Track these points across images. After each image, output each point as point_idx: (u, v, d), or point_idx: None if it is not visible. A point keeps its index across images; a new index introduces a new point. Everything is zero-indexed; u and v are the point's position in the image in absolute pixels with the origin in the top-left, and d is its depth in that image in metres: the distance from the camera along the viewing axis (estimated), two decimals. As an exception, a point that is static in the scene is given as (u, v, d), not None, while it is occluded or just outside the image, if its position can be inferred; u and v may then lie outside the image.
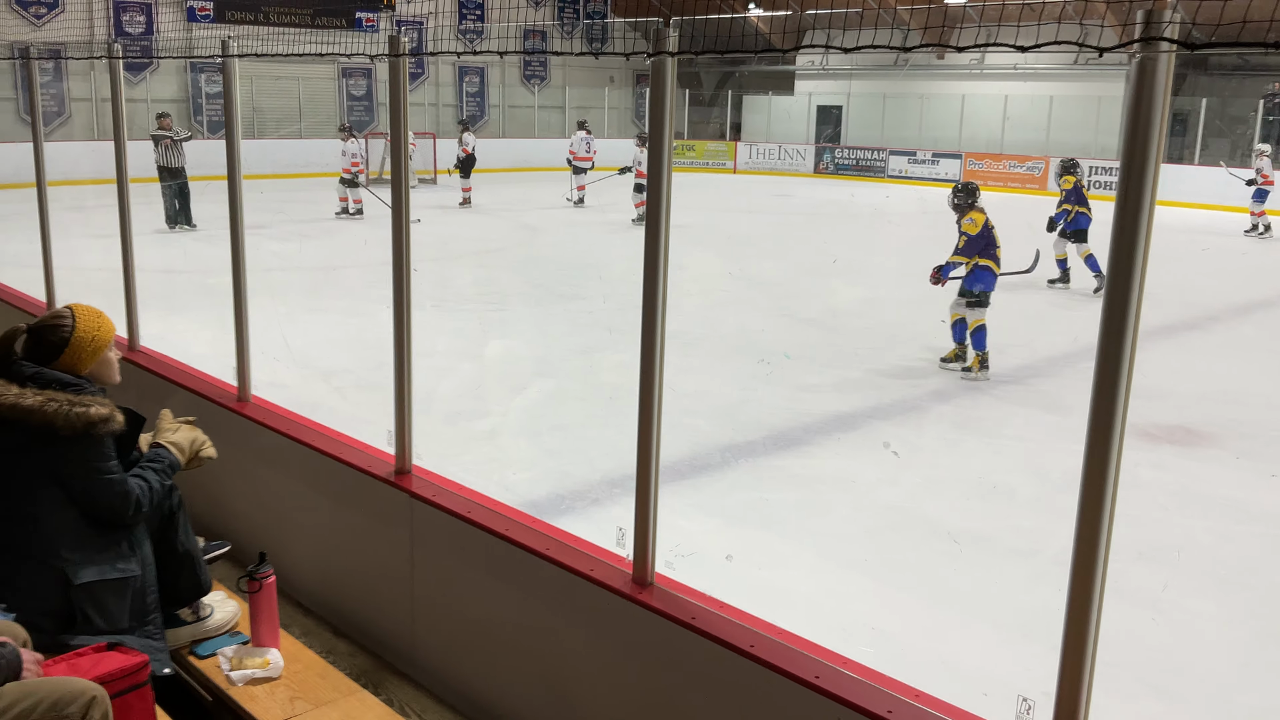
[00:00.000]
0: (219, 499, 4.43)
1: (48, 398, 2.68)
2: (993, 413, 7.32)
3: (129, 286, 5.18)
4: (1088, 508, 2.01)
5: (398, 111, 3.52)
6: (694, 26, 2.84)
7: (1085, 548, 2.02)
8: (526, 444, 6.55)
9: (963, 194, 8.57)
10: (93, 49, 18.68)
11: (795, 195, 23.25)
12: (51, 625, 2.71)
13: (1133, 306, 1.93)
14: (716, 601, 2.77)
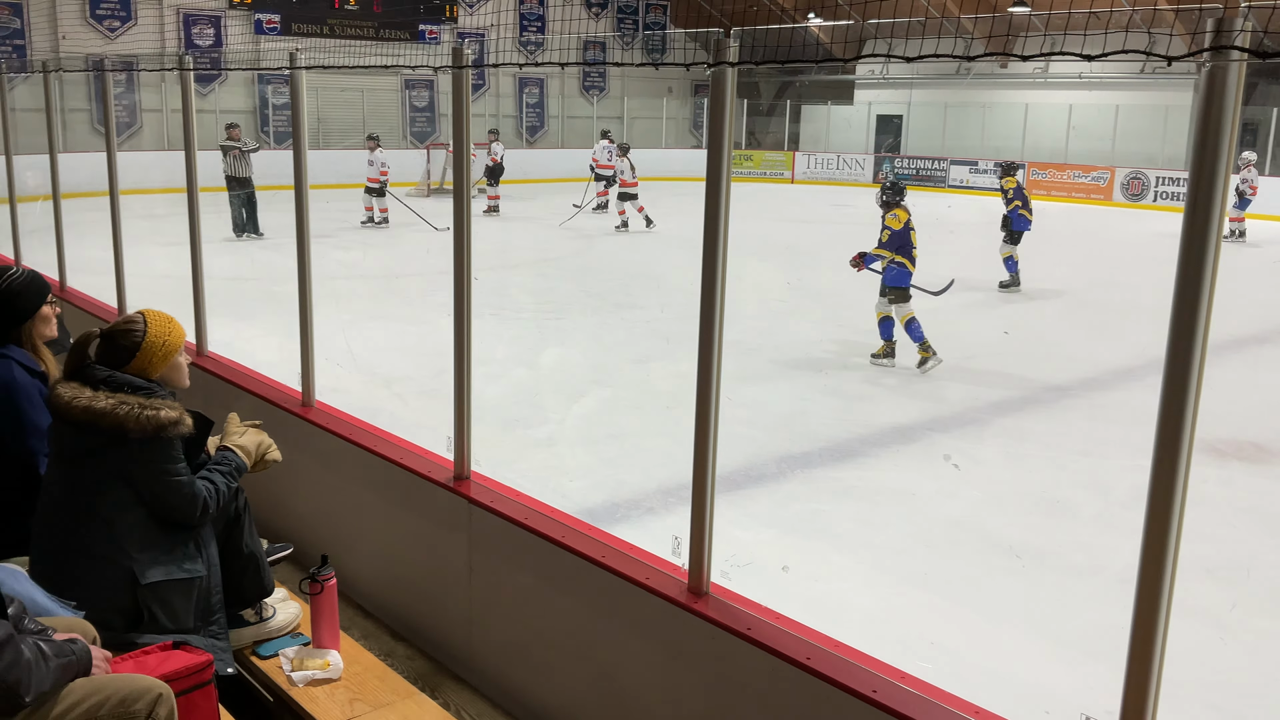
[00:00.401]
0: (282, 501, 4.51)
1: (119, 400, 2.76)
2: (1055, 426, 7.19)
3: (198, 293, 5.30)
4: (1154, 524, 1.97)
5: (460, 122, 3.56)
6: (754, 37, 2.85)
7: (1151, 565, 1.98)
8: (583, 452, 6.58)
9: (890, 191, 8.99)
10: (164, 61, 19.15)
11: (854, 205, 23.06)
12: (120, 623, 2.78)
13: (1201, 319, 1.89)
14: (772, 612, 2.76)
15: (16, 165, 8.39)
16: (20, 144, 8.43)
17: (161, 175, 14.71)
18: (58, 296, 6.78)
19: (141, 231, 10.50)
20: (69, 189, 7.44)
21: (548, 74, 28.95)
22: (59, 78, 7.25)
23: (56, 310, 3.55)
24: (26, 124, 9.47)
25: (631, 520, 5.31)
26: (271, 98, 24.28)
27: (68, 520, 2.81)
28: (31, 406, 3.22)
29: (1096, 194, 24.55)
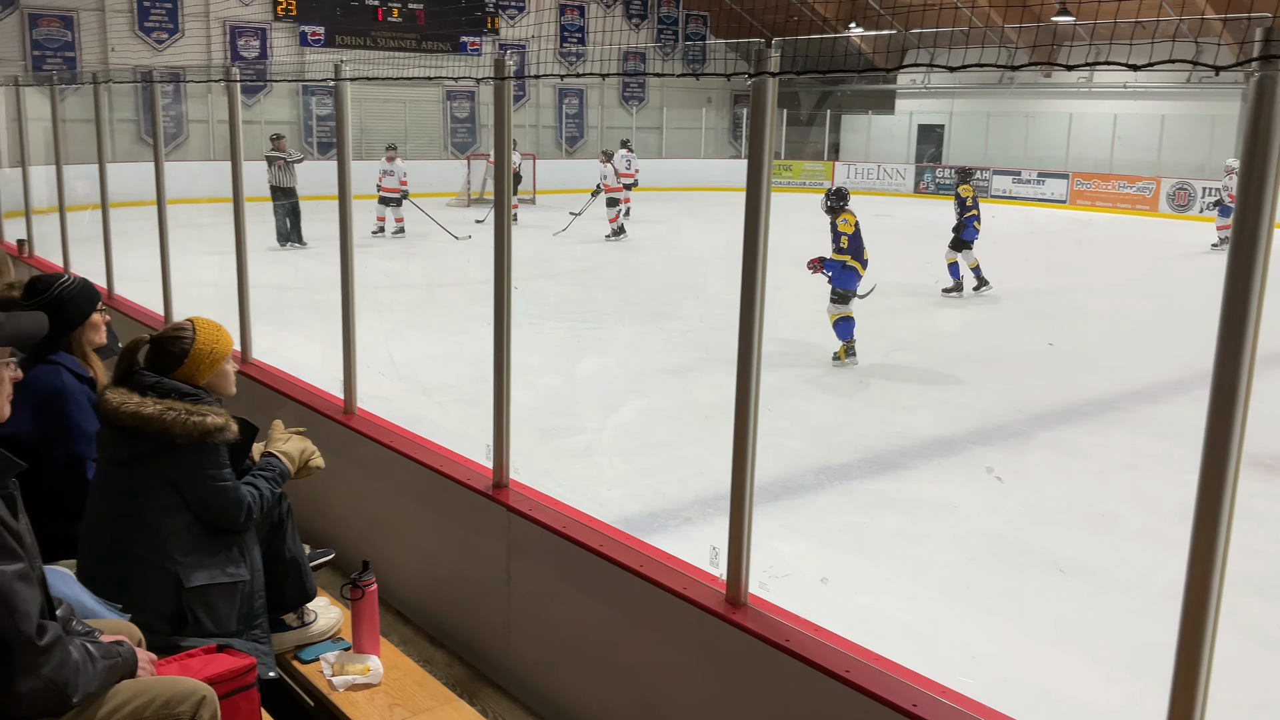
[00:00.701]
0: (324, 507, 4.56)
1: (167, 406, 2.80)
2: (1100, 439, 7.10)
3: (243, 301, 5.37)
4: (1201, 539, 1.94)
5: (502, 133, 3.59)
6: (794, 47, 2.85)
7: (1198, 581, 1.95)
8: (620, 461, 6.59)
9: (834, 197, 9.36)
10: (210, 73, 19.49)
11: (895, 215, 22.95)
12: (164, 626, 2.82)
13: (1250, 331, 1.86)
14: (811, 624, 2.74)
15: (66, 175, 8.56)
16: (69, 154, 8.59)
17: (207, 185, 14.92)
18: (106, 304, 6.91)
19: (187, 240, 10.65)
20: (117, 198, 7.57)
21: (587, 84, 29.08)
22: (108, 89, 7.39)
23: (106, 318, 3.61)
24: (76, 134, 9.67)
25: (669, 530, 5.30)
26: (315, 109, 24.58)
27: (114, 524, 2.85)
28: (80, 412, 3.27)
29: (1142, 204, 24.23)
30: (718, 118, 31.89)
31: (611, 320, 11.18)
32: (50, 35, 21.47)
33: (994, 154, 27.80)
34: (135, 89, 19.29)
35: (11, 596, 1.91)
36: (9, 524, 1.96)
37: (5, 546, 1.93)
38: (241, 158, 5.42)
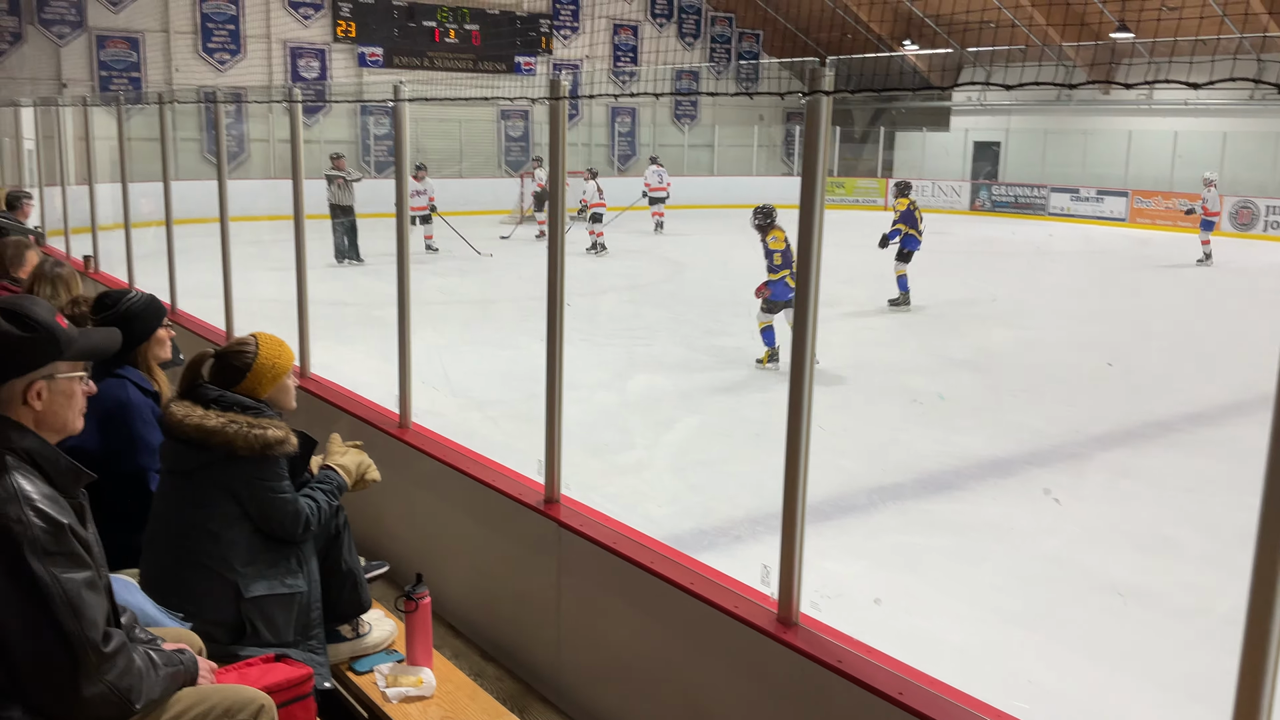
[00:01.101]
0: (379, 520, 4.61)
1: (229, 419, 2.86)
2: (1159, 461, 6.97)
3: (302, 317, 5.46)
4: (1263, 564, 1.90)
5: (556, 152, 3.63)
6: (848, 65, 2.85)
7: (1261, 606, 1.91)
8: (671, 478, 6.58)
9: (762, 215, 9.49)
10: (271, 93, 19.88)
11: (951, 233, 22.73)
12: (223, 635, 2.87)
13: (1316, 352, 1.82)
14: (864, 645, 2.72)
15: (131, 192, 8.77)
16: (134, 172, 8.80)
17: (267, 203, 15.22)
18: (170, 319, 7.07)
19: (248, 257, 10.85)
20: (180, 215, 7.75)
21: (640, 103, 29.24)
22: (172, 109, 7.57)
23: (171, 333, 3.70)
24: (141, 152, 9.91)
25: (719, 548, 5.29)
26: (373, 128, 24.97)
27: (177, 534, 2.91)
28: (144, 425, 3.35)
29: (1204, 223, 23.77)
30: (770, 135, 31.88)
31: (663, 337, 11.19)
32: (117, 56, 22.06)
33: (1052, 171, 27.47)
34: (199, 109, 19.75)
35: (79, 603, 1.96)
36: (78, 533, 2.02)
37: (74, 554, 1.98)
38: (302, 176, 5.52)
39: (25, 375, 2.03)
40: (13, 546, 1.91)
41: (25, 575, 1.91)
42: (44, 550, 1.93)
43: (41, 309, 2.09)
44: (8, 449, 1.99)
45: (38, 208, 11.25)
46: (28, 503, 1.94)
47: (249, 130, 23.29)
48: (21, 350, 2.03)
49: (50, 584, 1.92)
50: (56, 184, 12.14)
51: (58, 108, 11.42)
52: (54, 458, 2.05)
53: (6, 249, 5.16)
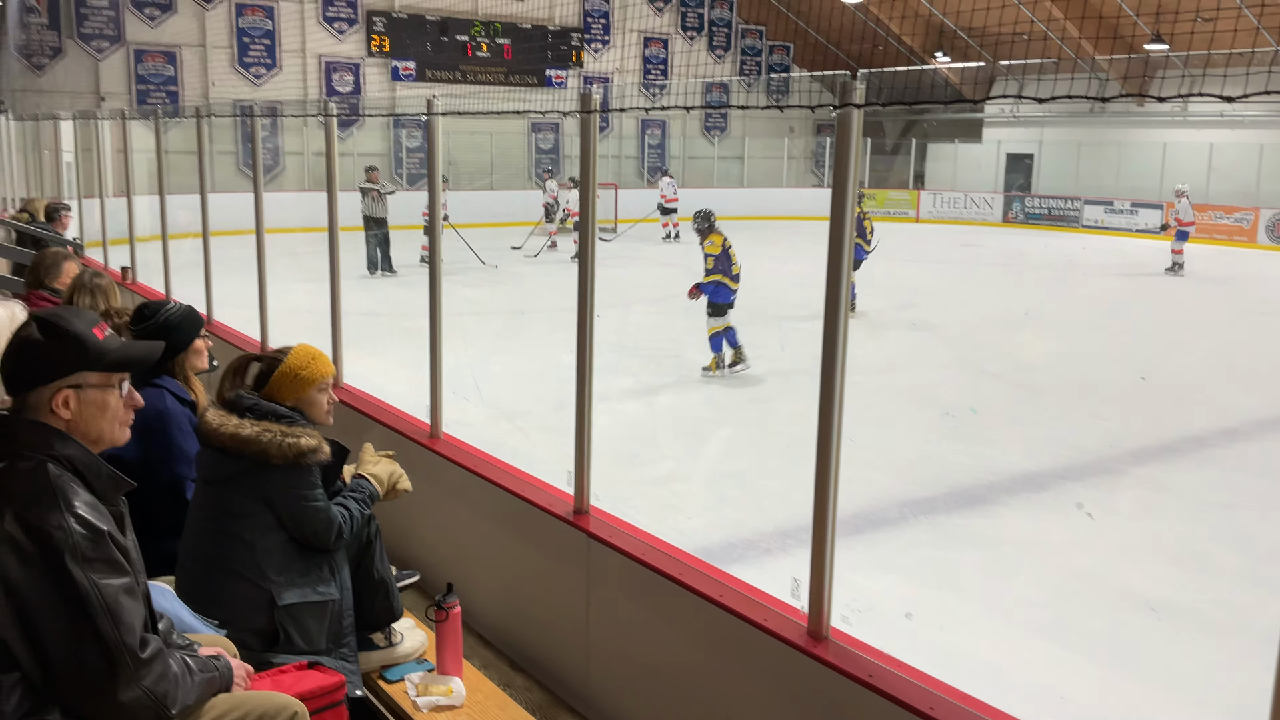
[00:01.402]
0: (410, 530, 4.64)
1: (263, 428, 2.90)
2: (1194, 476, 6.88)
3: (335, 328, 5.51)
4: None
5: (587, 164, 3.64)
6: (880, 78, 2.85)
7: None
8: (701, 490, 6.58)
9: (701, 219, 9.77)
10: (306, 107, 20.11)
11: (983, 245, 22.62)
12: (257, 643, 2.89)
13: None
14: (895, 660, 2.70)
15: (169, 204, 8.88)
16: (171, 184, 8.92)
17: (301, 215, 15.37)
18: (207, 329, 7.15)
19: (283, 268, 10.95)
20: (216, 227, 7.84)
21: (670, 116, 29.29)
22: (209, 122, 7.67)
23: (209, 343, 3.75)
24: (177, 165, 10.05)
25: (749, 560, 5.28)
26: (405, 141, 25.18)
27: (211, 541, 2.95)
28: (181, 434, 3.39)
29: (1240, 236, 23.50)
30: (801, 147, 31.85)
31: (692, 349, 11.19)
32: (154, 71, 22.39)
33: (1085, 183, 27.25)
34: (235, 122, 20.01)
35: (117, 609, 1.99)
36: (117, 540, 2.05)
37: (113, 561, 2.01)
38: (336, 188, 5.57)
39: (51, 383, 2.06)
40: (54, 552, 1.93)
41: (65, 581, 1.94)
42: (84, 556, 1.96)
43: (79, 320, 2.12)
44: (50, 456, 2.02)
45: (76, 219, 11.42)
46: (69, 509, 1.97)
47: (284, 143, 23.56)
48: (45, 358, 2.06)
49: (89, 590, 1.95)
50: (95, 196, 12.32)
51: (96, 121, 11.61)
52: (95, 466, 2.08)
53: (45, 260, 5.25)
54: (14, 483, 1.97)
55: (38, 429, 2.04)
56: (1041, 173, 29.06)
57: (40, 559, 1.93)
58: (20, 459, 2.00)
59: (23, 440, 2.02)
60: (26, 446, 2.02)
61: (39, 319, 2.09)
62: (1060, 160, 28.48)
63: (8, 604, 1.91)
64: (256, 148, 7.12)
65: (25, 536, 1.92)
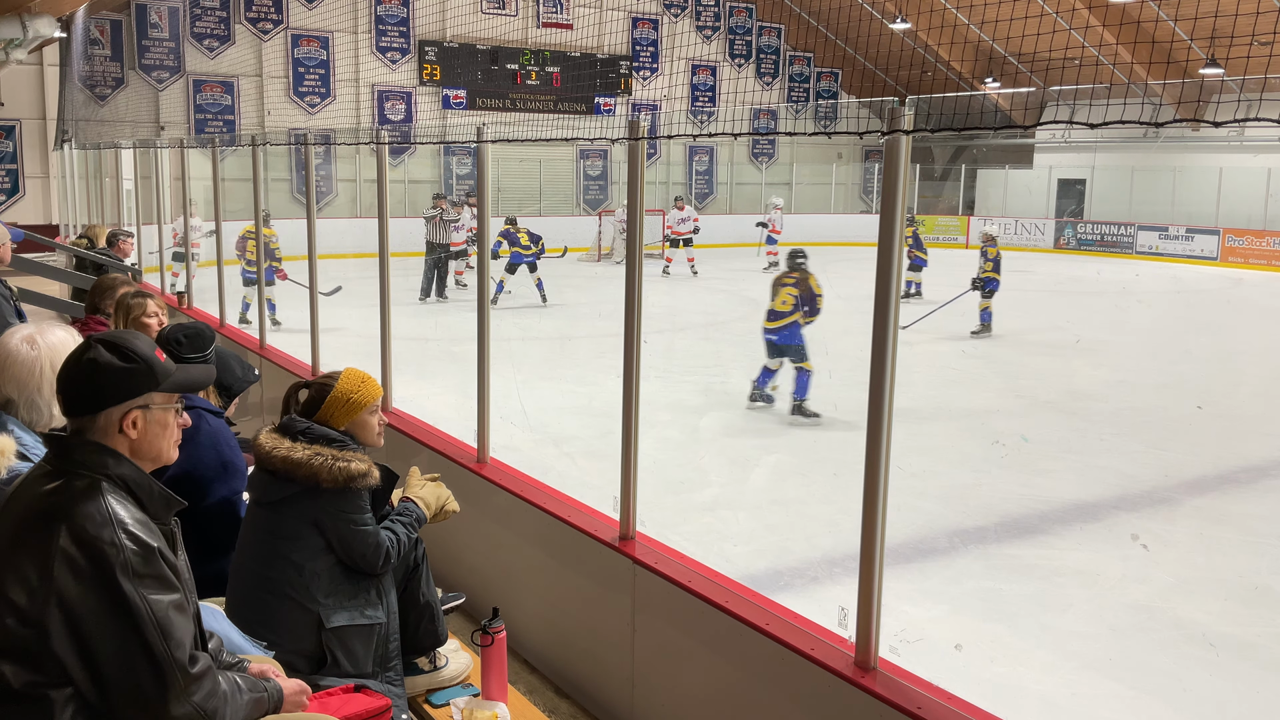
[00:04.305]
0: (456, 553, 4.66)
1: (314, 452, 2.93)
2: (1254, 508, 6.72)
3: (385, 352, 5.58)
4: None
5: (634, 191, 3.66)
6: (929, 104, 2.84)
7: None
8: (746, 517, 6.54)
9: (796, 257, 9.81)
10: (359, 135, 20.43)
11: (1034, 271, 22.35)
12: (304, 665, 2.91)
13: None
14: (944, 692, 2.66)
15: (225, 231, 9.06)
16: (227, 211, 9.08)
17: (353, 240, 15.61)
18: (256, 352, 7.26)
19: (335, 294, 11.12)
20: (270, 253, 7.98)
21: (718, 142, 29.37)
22: (264, 150, 7.82)
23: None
24: (234, 192, 10.25)
25: (795, 589, 5.23)
26: (455, 168, 25.49)
27: (261, 563, 2.98)
28: (230, 449, 3.43)
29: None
30: (848, 173, 31.77)
31: (738, 374, 11.15)
32: (212, 100, 22.91)
33: (1139, 209, 26.85)
34: (289, 150, 20.39)
35: (168, 625, 2.02)
36: (168, 558, 2.08)
37: (163, 577, 2.05)
38: (387, 215, 5.65)
39: (122, 404, 2.12)
40: (106, 568, 1.97)
41: (117, 596, 1.97)
42: (135, 572, 1.99)
43: (141, 343, 2.18)
44: (105, 475, 2.06)
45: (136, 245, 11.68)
46: (120, 526, 2.00)
47: (337, 170, 23.95)
48: (120, 380, 2.12)
49: (140, 605, 1.98)
50: (154, 222, 12.60)
51: (156, 149, 11.88)
52: (148, 485, 2.13)
53: (102, 285, 5.36)
54: (70, 501, 2.01)
55: (97, 449, 2.09)
56: (1094, 198, 28.69)
57: (93, 575, 1.96)
58: (76, 478, 2.05)
59: (80, 460, 2.07)
60: (83, 466, 2.06)
61: (105, 342, 2.13)
62: (1113, 185, 28.10)
63: (63, 620, 1.95)
64: (310, 175, 7.24)
65: (79, 553, 1.96)
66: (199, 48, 22.64)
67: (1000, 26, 23.47)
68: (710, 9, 28.98)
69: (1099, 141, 27.23)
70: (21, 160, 20.73)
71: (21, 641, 1.94)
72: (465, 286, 17.06)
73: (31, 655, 1.95)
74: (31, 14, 15.50)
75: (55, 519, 1.98)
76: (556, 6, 26.15)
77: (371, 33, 24.45)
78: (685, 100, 28.85)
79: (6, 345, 2.75)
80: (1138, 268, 23.49)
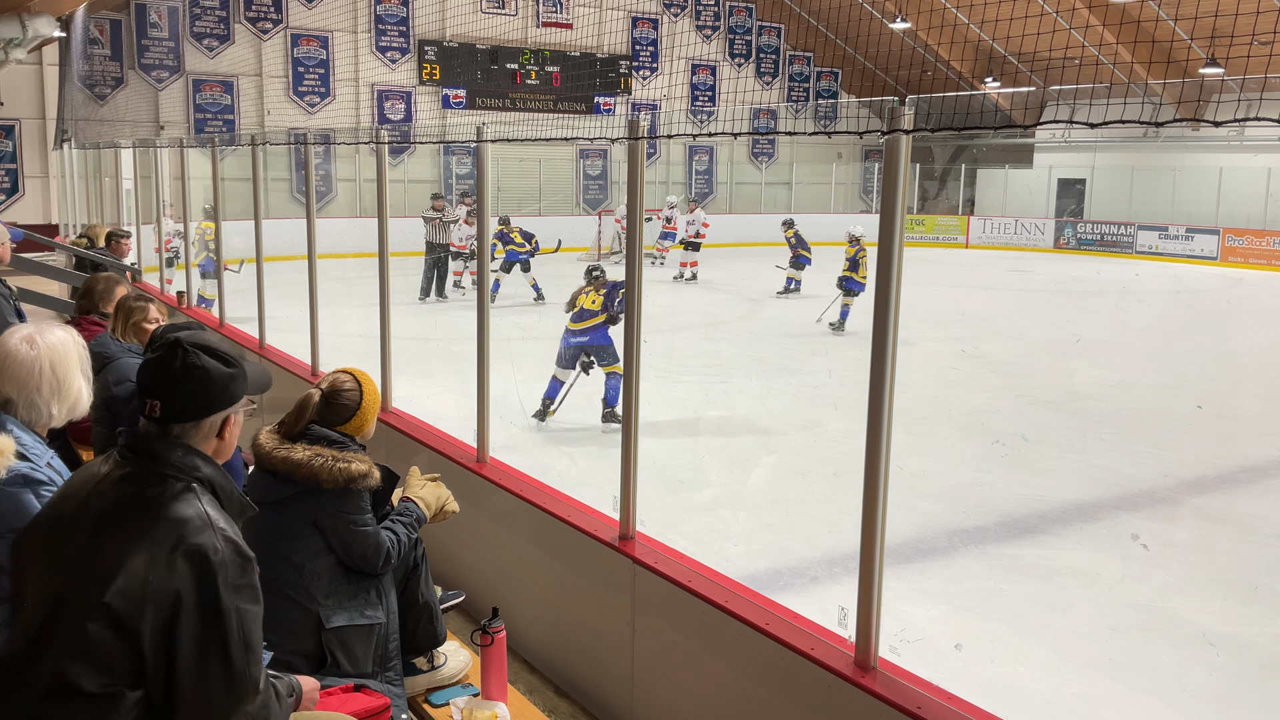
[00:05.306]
0: (455, 553, 4.66)
1: (315, 453, 2.94)
2: (1253, 507, 6.72)
3: (385, 352, 5.57)
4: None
5: (634, 191, 3.66)
6: (929, 103, 2.84)
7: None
8: (746, 517, 6.54)
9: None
10: (358, 134, 20.42)
11: (1034, 271, 22.36)
12: (304, 665, 2.91)
13: None
14: (944, 692, 2.66)
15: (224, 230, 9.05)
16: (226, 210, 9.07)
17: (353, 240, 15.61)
18: (256, 351, 7.25)
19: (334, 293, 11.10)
20: (270, 252, 7.96)
21: (718, 141, 29.36)
22: (264, 149, 7.81)
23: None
24: (233, 192, 10.23)
25: (795, 589, 5.23)
26: (455, 167, 25.49)
27: (261, 564, 2.94)
28: None
29: (1299, 261, 23.02)
30: (848, 172, 31.77)
31: (739, 374, 11.16)
32: (212, 100, 22.90)
33: (1139, 209, 26.85)
34: (289, 149, 20.39)
35: (252, 639, 1.97)
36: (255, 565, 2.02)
37: (255, 590, 1.99)
38: (387, 214, 5.64)
39: (227, 409, 2.09)
40: (209, 575, 1.91)
41: (212, 604, 1.92)
42: (233, 582, 1.94)
43: (228, 345, 2.16)
44: (197, 479, 2.01)
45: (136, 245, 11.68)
46: (220, 532, 1.95)
47: (336, 170, 23.94)
48: (228, 385, 2.09)
49: (232, 617, 1.93)
50: (153, 222, 12.60)
51: (155, 149, 11.86)
52: (230, 488, 2.08)
53: (98, 284, 5.32)
54: (170, 505, 1.95)
55: (191, 452, 2.03)
56: (1094, 198, 28.68)
57: (195, 581, 1.90)
58: (172, 480, 1.99)
59: (173, 462, 2.01)
60: (177, 469, 2.00)
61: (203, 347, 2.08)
62: (1113, 185, 28.10)
63: (157, 624, 1.89)
64: (309, 174, 7.23)
65: (183, 558, 1.90)
66: (198, 47, 22.63)
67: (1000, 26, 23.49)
68: (710, 8, 28.98)
69: (1099, 141, 27.23)
70: (21, 160, 20.72)
71: (104, 643, 1.87)
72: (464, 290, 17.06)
73: (112, 657, 1.88)
74: (31, 13, 15.50)
75: (156, 522, 1.92)
76: (556, 6, 26.15)
77: (371, 32, 24.45)
78: (685, 100, 28.84)
79: (6, 345, 2.75)
80: (1138, 267, 23.49)
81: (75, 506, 2.01)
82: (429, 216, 16.12)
